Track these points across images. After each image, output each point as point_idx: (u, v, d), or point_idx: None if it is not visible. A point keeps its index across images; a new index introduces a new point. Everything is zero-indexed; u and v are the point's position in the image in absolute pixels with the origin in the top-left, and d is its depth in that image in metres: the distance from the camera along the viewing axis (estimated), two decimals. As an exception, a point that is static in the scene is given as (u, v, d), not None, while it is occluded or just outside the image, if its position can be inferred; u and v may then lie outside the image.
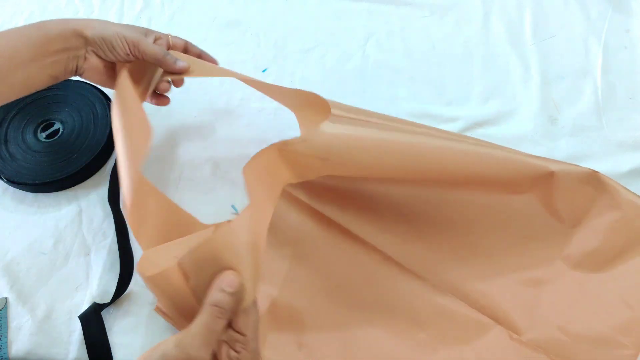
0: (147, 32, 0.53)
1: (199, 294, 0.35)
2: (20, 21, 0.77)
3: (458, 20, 0.74)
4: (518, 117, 0.65)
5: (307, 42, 0.73)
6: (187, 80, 0.70)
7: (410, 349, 0.48)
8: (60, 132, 0.63)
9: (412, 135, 0.49)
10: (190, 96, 0.68)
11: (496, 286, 0.51)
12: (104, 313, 0.53)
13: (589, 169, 0.51)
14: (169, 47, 0.54)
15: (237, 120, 0.66)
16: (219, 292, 0.34)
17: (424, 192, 0.52)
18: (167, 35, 0.55)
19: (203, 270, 0.35)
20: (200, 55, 0.57)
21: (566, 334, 0.48)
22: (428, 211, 0.53)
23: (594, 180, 0.51)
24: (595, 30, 0.71)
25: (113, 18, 0.77)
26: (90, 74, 0.52)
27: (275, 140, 0.47)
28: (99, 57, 0.51)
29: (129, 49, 0.50)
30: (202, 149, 0.64)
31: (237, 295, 0.34)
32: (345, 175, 0.50)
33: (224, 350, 0.34)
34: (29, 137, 0.62)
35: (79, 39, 0.49)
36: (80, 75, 0.52)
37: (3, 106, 0.66)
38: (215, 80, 0.70)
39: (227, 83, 0.69)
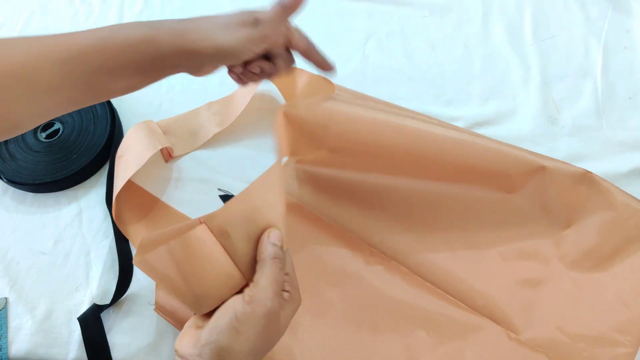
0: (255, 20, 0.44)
1: (239, 252, 0.35)
2: (21, 21, 0.77)
3: (458, 20, 0.74)
4: (518, 117, 0.65)
5: (307, 42, 0.73)
6: (187, 79, 0.70)
7: (410, 346, 0.48)
8: (60, 132, 0.63)
9: (411, 120, 0.51)
10: (190, 96, 0.68)
11: (493, 286, 0.51)
12: (103, 313, 0.53)
13: (583, 169, 0.52)
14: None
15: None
16: (272, 246, 0.35)
17: (420, 187, 0.53)
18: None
19: (241, 227, 0.35)
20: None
21: (564, 334, 0.48)
22: (424, 207, 0.54)
23: (587, 180, 0.51)
24: (595, 30, 0.71)
25: (113, 18, 0.77)
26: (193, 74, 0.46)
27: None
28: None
29: (261, 49, 0.43)
30: (202, 149, 0.64)
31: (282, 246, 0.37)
32: (342, 150, 0.51)
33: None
34: (29, 137, 0.63)
35: (195, 58, 0.42)
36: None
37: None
38: (215, 80, 0.70)
39: (227, 83, 0.69)
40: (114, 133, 0.63)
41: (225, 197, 0.42)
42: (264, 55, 0.46)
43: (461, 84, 0.68)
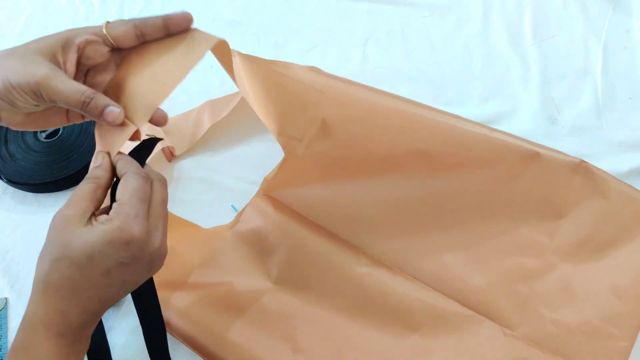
0: (65, 44, 0.36)
1: None
2: (20, 21, 0.77)
3: (458, 20, 0.74)
4: (518, 117, 0.65)
5: (307, 42, 0.73)
6: (188, 78, 0.70)
7: (404, 351, 0.48)
8: (60, 132, 0.63)
9: (407, 104, 0.52)
10: (190, 95, 0.68)
11: (488, 282, 0.51)
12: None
13: (578, 158, 0.51)
14: (112, 46, 0.39)
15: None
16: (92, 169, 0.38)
17: (410, 183, 0.52)
18: (100, 27, 0.38)
19: None
20: (166, 21, 0.41)
21: (559, 328, 0.48)
22: (415, 205, 0.53)
23: (582, 170, 0.51)
24: (595, 30, 0.71)
25: (113, 18, 0.77)
26: (11, 124, 0.38)
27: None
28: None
29: (33, 99, 0.35)
30: (202, 149, 0.64)
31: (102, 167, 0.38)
32: (337, 122, 0.50)
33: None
34: (29, 137, 0.63)
35: None
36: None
37: (3, 106, 0.66)
38: (216, 80, 0.70)
39: (228, 83, 0.69)
40: (114, 133, 0.63)
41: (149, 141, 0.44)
42: None
43: (461, 84, 0.68)
